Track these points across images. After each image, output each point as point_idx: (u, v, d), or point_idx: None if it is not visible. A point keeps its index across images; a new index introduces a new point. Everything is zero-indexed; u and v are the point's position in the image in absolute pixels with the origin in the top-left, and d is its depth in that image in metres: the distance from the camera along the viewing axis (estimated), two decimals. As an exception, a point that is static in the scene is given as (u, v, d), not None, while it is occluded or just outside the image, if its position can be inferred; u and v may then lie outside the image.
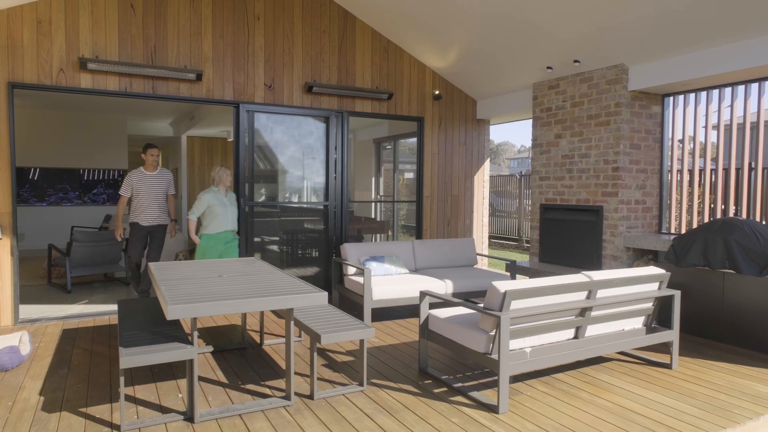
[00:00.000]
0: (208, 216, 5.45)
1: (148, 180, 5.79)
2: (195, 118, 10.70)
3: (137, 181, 5.75)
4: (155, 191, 5.81)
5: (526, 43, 5.84)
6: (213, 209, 5.42)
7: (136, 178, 5.76)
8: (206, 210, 5.43)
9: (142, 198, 5.75)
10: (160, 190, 5.84)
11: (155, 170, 5.84)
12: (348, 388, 3.61)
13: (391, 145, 9.44)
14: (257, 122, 6.20)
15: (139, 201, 5.77)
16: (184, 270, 4.02)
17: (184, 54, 5.76)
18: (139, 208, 5.78)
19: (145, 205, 5.76)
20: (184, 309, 2.85)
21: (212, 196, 5.44)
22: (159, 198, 5.84)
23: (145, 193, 5.76)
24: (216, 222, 5.43)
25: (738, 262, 4.51)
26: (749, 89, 5.13)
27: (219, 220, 5.44)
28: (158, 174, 5.85)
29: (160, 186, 5.85)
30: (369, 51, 6.83)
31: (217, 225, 5.44)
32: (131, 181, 5.76)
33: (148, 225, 5.80)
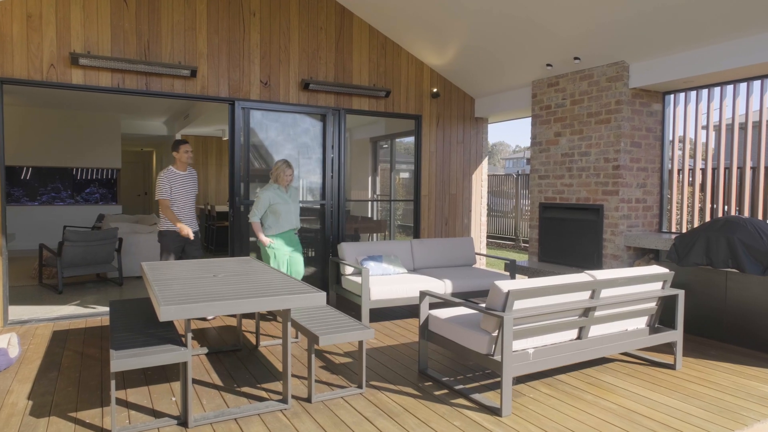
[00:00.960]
0: (270, 216, 5.07)
1: (182, 180, 5.22)
2: (189, 117, 10.59)
3: (173, 182, 5.15)
4: (190, 193, 5.28)
5: (525, 40, 5.76)
6: (275, 207, 5.04)
7: (172, 178, 5.16)
8: (268, 209, 5.05)
9: (176, 201, 5.16)
10: (193, 191, 5.33)
11: (186, 169, 5.31)
12: (346, 390, 3.52)
13: (387, 144, 9.36)
14: (253, 120, 6.09)
15: (174, 204, 5.16)
16: (178, 270, 3.92)
17: (178, 50, 5.65)
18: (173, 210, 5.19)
19: (179, 208, 5.18)
20: (177, 310, 2.75)
21: (273, 194, 5.05)
22: (192, 200, 5.32)
23: (179, 196, 5.18)
24: (281, 221, 5.07)
25: (741, 261, 4.45)
26: (751, 87, 5.08)
27: (283, 218, 5.07)
28: (189, 173, 5.32)
29: (193, 187, 5.34)
30: (366, 48, 6.74)
31: (281, 224, 5.07)
32: (169, 181, 5.12)
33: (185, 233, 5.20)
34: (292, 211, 5.16)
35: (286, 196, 5.13)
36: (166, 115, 11.65)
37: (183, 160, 5.23)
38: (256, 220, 5.03)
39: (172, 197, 5.13)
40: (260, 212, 5.03)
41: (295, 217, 5.19)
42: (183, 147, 5.23)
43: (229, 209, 6.03)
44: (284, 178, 5.08)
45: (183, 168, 5.25)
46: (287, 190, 5.17)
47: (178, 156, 5.24)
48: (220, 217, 10.64)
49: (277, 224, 5.07)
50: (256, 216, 5.03)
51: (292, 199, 5.18)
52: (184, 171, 5.26)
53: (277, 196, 5.06)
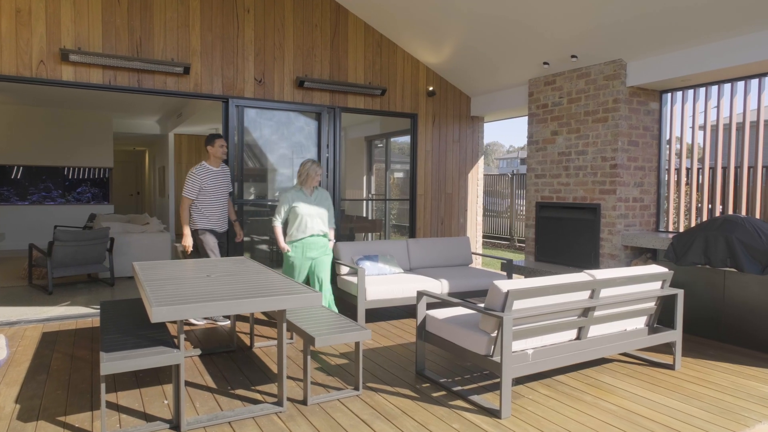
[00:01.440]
0: (291, 219, 4.72)
1: (214, 177, 5.00)
2: (183, 115, 10.48)
3: (205, 179, 4.93)
4: (224, 190, 5.08)
5: (521, 38, 5.72)
6: (296, 210, 4.67)
7: (204, 176, 4.93)
8: (290, 213, 4.71)
9: (210, 199, 4.93)
10: (226, 189, 5.12)
11: (219, 165, 5.09)
12: (343, 392, 3.46)
13: (382, 144, 9.30)
14: (247, 118, 6.02)
15: (208, 202, 4.94)
16: (171, 270, 3.84)
17: (171, 47, 5.56)
18: (207, 210, 4.95)
19: (210, 207, 4.95)
20: (169, 311, 2.68)
21: (294, 195, 4.70)
22: (225, 198, 5.11)
23: (211, 193, 4.95)
24: (302, 225, 4.69)
25: (740, 260, 4.42)
26: (749, 85, 5.06)
27: (305, 223, 4.69)
28: (222, 170, 5.09)
29: (227, 185, 5.12)
30: (362, 46, 6.68)
31: (303, 229, 4.70)
32: (200, 179, 4.89)
33: (221, 231, 5.07)
34: (317, 214, 4.73)
35: (310, 199, 4.74)
36: (158, 114, 11.53)
37: (217, 155, 5.02)
38: (278, 225, 4.71)
39: (204, 195, 4.92)
40: (281, 215, 4.69)
41: (321, 221, 4.77)
42: (218, 141, 5.01)
43: (223, 208, 5.94)
44: (314, 179, 4.71)
45: (216, 164, 5.04)
46: (312, 192, 4.78)
47: (213, 151, 5.01)
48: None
49: (299, 229, 4.71)
50: (278, 219, 4.69)
51: (317, 202, 4.77)
52: (218, 167, 5.05)
53: (298, 198, 4.71)
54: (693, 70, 4.94)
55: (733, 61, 4.65)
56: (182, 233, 4.89)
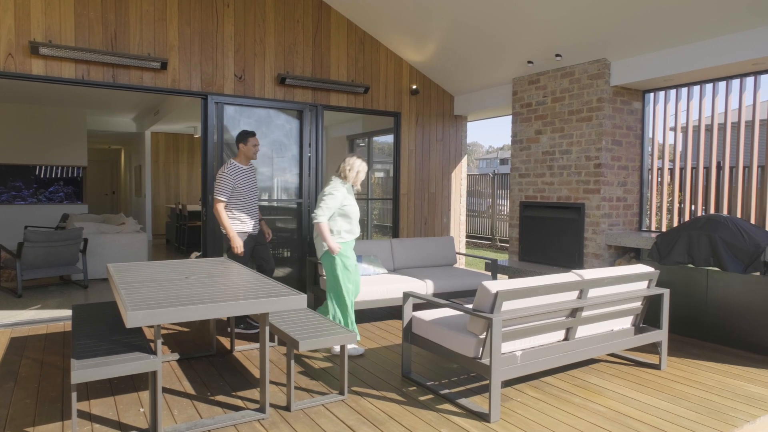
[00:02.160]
0: (341, 220, 4.27)
1: (245, 175, 4.72)
2: (160, 113, 10.23)
3: (237, 179, 4.64)
4: (254, 190, 4.82)
5: (506, 36, 5.68)
6: (348, 210, 4.27)
7: (236, 175, 4.64)
8: (337, 211, 4.27)
9: (240, 199, 4.65)
10: (256, 187, 4.88)
11: (248, 164, 4.83)
12: (328, 397, 3.36)
13: (364, 143, 9.20)
14: (226, 115, 5.86)
15: (240, 204, 4.65)
16: (148, 271, 3.69)
17: (147, 41, 5.38)
18: (240, 212, 4.65)
19: (243, 207, 4.68)
20: (146, 315, 2.54)
21: (345, 192, 4.26)
22: (257, 198, 4.87)
23: (244, 193, 4.68)
24: (353, 226, 4.32)
25: (723, 259, 4.44)
26: (730, 85, 5.09)
27: (354, 223, 4.32)
28: (250, 168, 4.83)
29: (255, 182, 4.88)
30: (344, 43, 6.57)
31: (352, 229, 4.32)
32: (233, 179, 4.59)
33: (256, 233, 4.81)
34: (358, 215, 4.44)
35: (354, 198, 4.41)
36: (135, 111, 11.25)
37: (249, 154, 4.75)
38: (324, 221, 4.18)
39: (235, 196, 4.63)
40: (330, 212, 4.20)
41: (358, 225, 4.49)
42: (252, 140, 4.73)
43: (202, 208, 5.78)
44: (362, 176, 4.37)
45: (246, 162, 4.79)
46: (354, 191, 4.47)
47: (245, 149, 4.73)
48: (192, 216, 10.32)
49: (351, 230, 4.31)
50: (324, 216, 4.17)
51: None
52: (247, 165, 4.79)
53: (349, 197, 4.31)
54: (675, 70, 4.96)
55: (714, 62, 4.66)
56: (229, 236, 4.57)
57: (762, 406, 3.33)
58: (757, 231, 4.51)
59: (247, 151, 4.75)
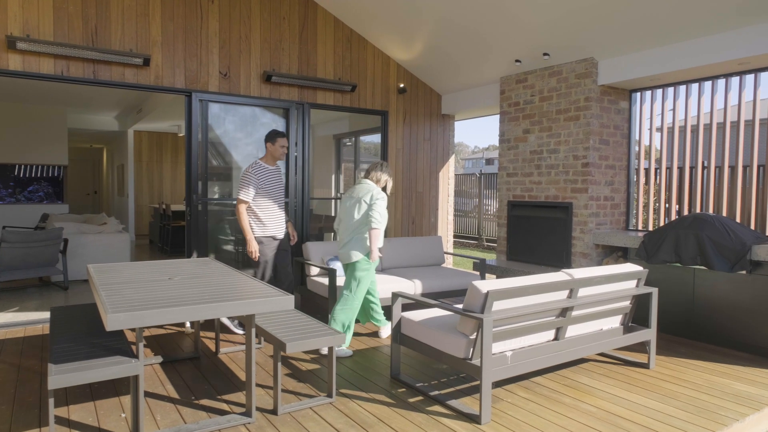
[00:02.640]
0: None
1: (270, 176, 4.55)
2: (143, 111, 10.06)
3: (262, 179, 4.48)
4: (280, 190, 4.63)
5: (493, 35, 5.66)
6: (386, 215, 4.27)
7: (261, 175, 4.49)
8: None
9: (266, 201, 4.49)
10: (283, 188, 4.70)
11: (275, 164, 4.67)
12: (315, 400, 3.29)
13: (351, 142, 9.13)
14: (211, 113, 5.75)
15: (264, 205, 4.50)
16: (130, 272, 3.58)
17: (129, 37, 5.26)
18: (265, 214, 4.49)
19: (268, 209, 4.51)
20: (127, 318, 2.45)
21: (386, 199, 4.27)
22: (283, 199, 4.70)
23: (271, 194, 4.52)
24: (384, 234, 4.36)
25: (710, 258, 4.46)
26: (716, 85, 5.12)
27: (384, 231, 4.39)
28: (276, 168, 4.65)
29: (283, 183, 4.72)
30: (331, 40, 6.50)
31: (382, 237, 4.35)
32: (257, 179, 4.44)
33: (281, 237, 4.64)
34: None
35: None
36: (117, 109, 11.05)
37: (276, 155, 4.59)
38: (383, 228, 4.09)
39: (260, 197, 4.47)
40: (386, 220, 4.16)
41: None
42: (280, 140, 4.56)
43: (186, 208, 5.67)
44: (390, 187, 4.39)
45: (272, 163, 4.63)
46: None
47: (272, 149, 4.57)
48: (175, 216, 10.16)
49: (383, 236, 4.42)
50: (383, 223, 4.09)
51: None
52: (273, 166, 4.63)
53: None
54: (662, 70, 4.97)
55: (700, 61, 4.68)
56: (246, 239, 4.44)
57: (750, 405, 3.33)
58: (743, 230, 4.53)
59: (274, 151, 4.58)
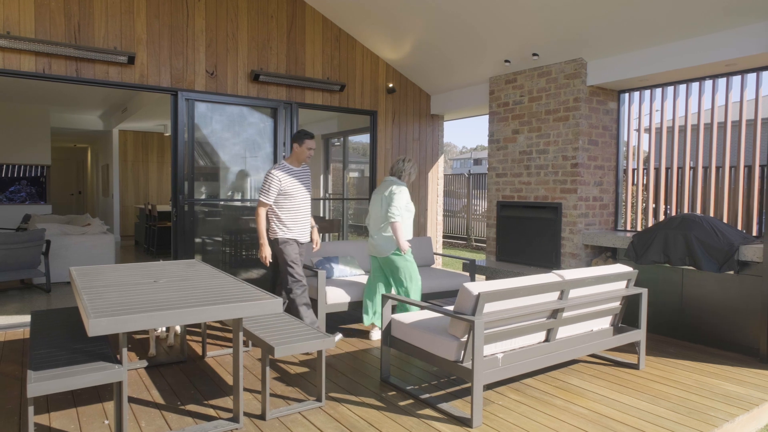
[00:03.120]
0: (405, 218, 4.42)
1: (296, 177, 4.40)
2: (128, 110, 9.91)
3: (286, 181, 4.33)
4: (305, 193, 4.46)
5: (482, 35, 5.64)
6: (410, 207, 4.46)
7: (284, 176, 4.33)
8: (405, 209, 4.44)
9: (291, 203, 4.34)
10: (309, 191, 4.53)
11: (300, 166, 4.51)
12: (304, 404, 3.23)
13: (340, 142, 9.08)
14: (197, 113, 5.66)
15: (288, 207, 4.35)
16: (113, 275, 3.50)
17: (113, 34, 5.16)
18: (288, 217, 4.34)
19: (294, 212, 4.37)
20: (110, 323, 2.38)
21: (408, 193, 4.48)
22: (309, 203, 4.53)
23: (296, 196, 4.36)
24: (410, 226, 4.47)
25: (698, 259, 4.47)
26: (703, 86, 5.14)
27: (411, 222, 4.50)
28: (303, 170, 4.50)
29: (308, 185, 4.52)
30: (320, 39, 6.44)
31: (410, 230, 4.49)
32: (279, 181, 4.28)
33: (304, 242, 4.50)
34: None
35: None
36: (101, 108, 10.87)
37: (302, 157, 4.42)
38: (401, 221, 4.30)
39: (284, 199, 4.32)
40: (402, 211, 4.38)
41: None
42: (308, 142, 4.38)
43: (172, 208, 5.58)
44: (414, 176, 4.61)
45: (297, 164, 4.47)
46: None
47: (299, 151, 4.39)
48: (162, 217, 10.02)
49: (410, 230, 4.49)
50: (401, 216, 4.31)
51: None
52: (299, 167, 4.48)
53: (410, 197, 4.51)
54: (650, 71, 4.98)
55: (688, 62, 4.69)
56: (259, 243, 4.32)
57: (740, 405, 3.34)
58: (731, 230, 4.56)
59: (301, 153, 4.41)
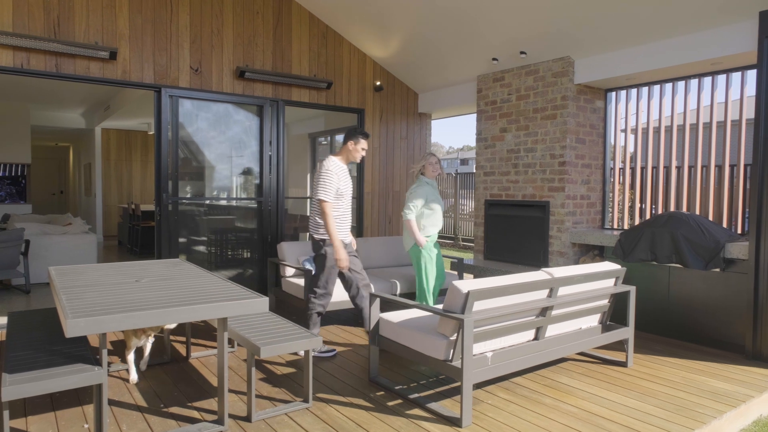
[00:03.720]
0: (427, 213, 4.62)
1: (344, 175, 4.19)
2: (111, 108, 9.75)
3: (340, 177, 4.11)
4: (350, 193, 4.29)
5: (470, 33, 5.62)
6: (432, 204, 4.62)
7: (340, 173, 4.11)
8: (424, 206, 4.61)
9: (339, 201, 4.13)
10: (352, 190, 4.38)
11: (347, 164, 4.32)
12: (291, 405, 3.17)
13: (326, 141, 9.01)
14: (182, 111, 5.56)
15: (339, 206, 4.14)
16: (94, 275, 3.41)
17: (95, 29, 5.04)
18: (338, 214, 4.13)
19: (342, 211, 4.17)
20: (89, 323, 2.30)
21: (429, 189, 4.64)
22: (350, 202, 4.37)
23: (344, 195, 4.16)
24: (436, 219, 4.66)
25: (685, 256, 4.49)
26: (689, 85, 5.17)
27: (437, 216, 4.66)
28: (348, 168, 4.35)
29: (351, 184, 4.35)
30: (306, 36, 6.37)
31: (437, 222, 4.68)
32: (336, 176, 4.06)
33: (347, 242, 4.27)
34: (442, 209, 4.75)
35: (437, 192, 4.76)
36: (83, 106, 10.68)
37: (353, 156, 4.21)
38: (413, 218, 4.57)
39: (337, 197, 4.08)
40: (417, 209, 4.59)
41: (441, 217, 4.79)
42: (363, 142, 4.20)
43: (156, 207, 5.48)
44: (433, 168, 4.70)
45: (346, 162, 4.25)
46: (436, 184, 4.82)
47: (353, 149, 4.18)
48: (145, 216, 9.87)
49: (434, 223, 4.67)
50: (413, 213, 4.57)
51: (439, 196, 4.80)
52: (347, 164, 4.27)
53: (432, 191, 4.67)
54: (636, 69, 4.99)
55: (674, 61, 4.70)
56: (334, 246, 4.02)
57: (727, 402, 3.35)
58: (716, 228, 4.58)
59: (354, 152, 4.20)
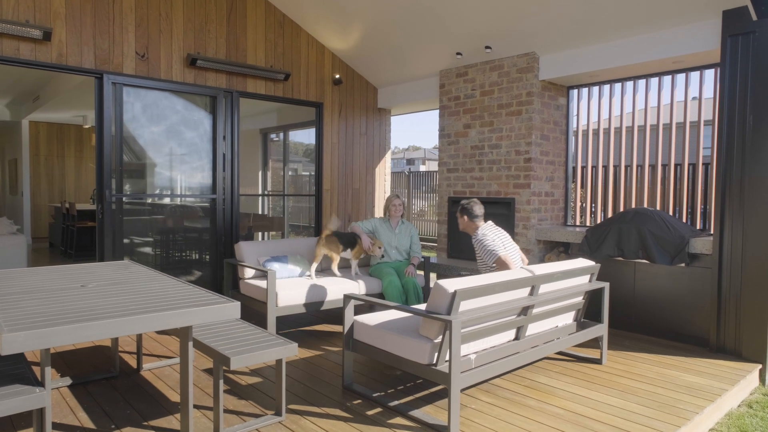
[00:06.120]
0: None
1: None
2: (41, 99, 8.95)
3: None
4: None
5: (433, 26, 5.47)
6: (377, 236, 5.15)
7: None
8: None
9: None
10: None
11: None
12: (263, 420, 2.89)
13: (279, 137, 8.67)
14: (126, 100, 5.10)
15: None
16: (31, 279, 2.99)
17: (25, 6, 4.52)
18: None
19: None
20: (29, 338, 1.95)
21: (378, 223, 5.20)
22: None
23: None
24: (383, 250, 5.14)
25: (651, 252, 4.52)
26: (649, 83, 5.25)
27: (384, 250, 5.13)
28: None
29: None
30: (262, 25, 6.03)
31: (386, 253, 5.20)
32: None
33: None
34: (393, 245, 5.13)
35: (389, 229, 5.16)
36: (9, 96, 9.76)
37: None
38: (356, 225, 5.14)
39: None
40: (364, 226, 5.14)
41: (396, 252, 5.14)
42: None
43: (97, 205, 4.99)
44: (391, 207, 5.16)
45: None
46: (396, 224, 5.18)
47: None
48: (81, 216, 9.14)
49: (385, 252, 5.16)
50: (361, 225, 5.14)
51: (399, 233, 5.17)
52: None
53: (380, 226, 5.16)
54: (599, 66, 5.01)
55: (636, 59, 4.74)
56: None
57: (704, 396, 3.35)
58: (679, 224, 4.65)
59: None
